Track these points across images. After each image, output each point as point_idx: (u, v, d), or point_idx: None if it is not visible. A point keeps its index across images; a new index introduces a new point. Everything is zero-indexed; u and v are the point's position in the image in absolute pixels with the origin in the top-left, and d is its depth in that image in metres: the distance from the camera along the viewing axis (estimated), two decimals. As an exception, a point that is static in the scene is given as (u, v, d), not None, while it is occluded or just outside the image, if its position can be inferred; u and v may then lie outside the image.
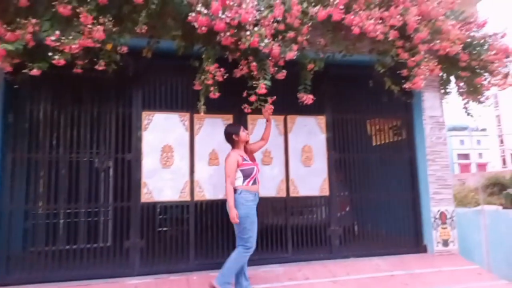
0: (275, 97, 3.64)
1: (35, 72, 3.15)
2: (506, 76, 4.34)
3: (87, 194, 4.20)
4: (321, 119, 4.94)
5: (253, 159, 3.76)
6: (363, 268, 4.26)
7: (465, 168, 55.62)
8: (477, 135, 59.70)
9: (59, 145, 4.13)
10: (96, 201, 4.20)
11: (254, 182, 3.59)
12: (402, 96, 4.49)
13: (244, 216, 3.42)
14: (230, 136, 3.68)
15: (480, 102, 4.58)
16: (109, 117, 4.18)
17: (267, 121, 3.93)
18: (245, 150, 3.74)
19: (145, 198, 4.13)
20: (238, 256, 3.46)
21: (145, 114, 4.24)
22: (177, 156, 4.28)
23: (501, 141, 44.68)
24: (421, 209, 5.01)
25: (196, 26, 3.38)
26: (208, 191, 4.34)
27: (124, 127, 4.19)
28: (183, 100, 4.32)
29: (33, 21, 3.10)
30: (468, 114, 4.65)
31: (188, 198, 4.27)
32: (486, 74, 4.40)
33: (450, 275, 4.26)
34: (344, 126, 5.04)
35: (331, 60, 4.25)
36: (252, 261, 4.25)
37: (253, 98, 3.60)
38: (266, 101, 3.61)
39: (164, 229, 4.37)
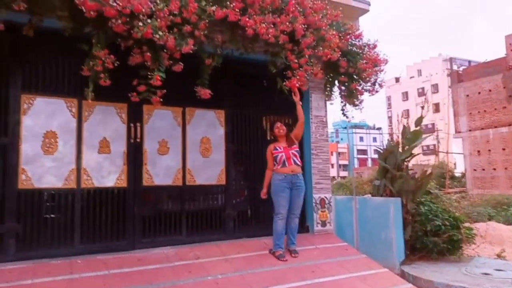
0: (165, 90, 3.70)
1: None
2: (374, 83, 5.05)
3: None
4: (220, 113, 5.16)
5: (290, 145, 4.58)
6: (252, 246, 4.63)
7: (363, 162, 61.96)
8: (373, 133, 66.84)
9: None
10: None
11: (284, 165, 4.48)
12: (291, 96, 4.91)
13: (272, 190, 4.51)
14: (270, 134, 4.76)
15: (355, 105, 5.25)
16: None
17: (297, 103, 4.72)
18: (287, 139, 4.61)
19: (23, 184, 3.91)
20: (273, 223, 4.50)
21: (25, 98, 3.96)
22: (61, 143, 4.11)
23: (391, 139, 50.67)
24: (306, 196, 5.55)
25: (84, 10, 3.28)
26: (96, 179, 4.26)
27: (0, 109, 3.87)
28: (70, 85, 4.12)
29: None
30: (344, 115, 5.31)
31: (74, 186, 4.15)
32: (360, 80, 5.05)
33: (323, 251, 4.87)
34: (242, 121, 5.32)
35: (230, 57, 4.43)
36: (144, 244, 4.42)
37: (141, 88, 3.63)
38: (155, 93, 3.66)
39: (47, 216, 4.18)
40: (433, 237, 5.17)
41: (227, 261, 4.27)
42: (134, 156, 4.48)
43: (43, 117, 4.04)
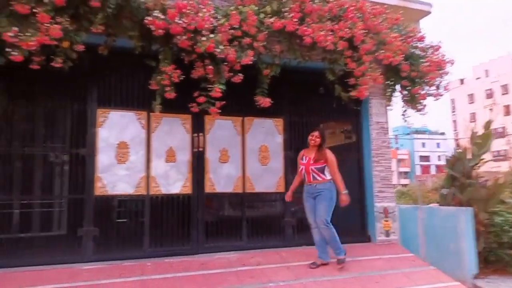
0: (224, 102, 3.85)
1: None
2: (438, 87, 4.79)
3: (42, 186, 4.23)
4: (278, 121, 5.21)
5: (316, 158, 4.32)
6: (312, 254, 4.53)
7: (425, 169, 58.44)
8: (437, 139, 62.91)
9: (13, 138, 4.13)
10: (50, 192, 4.24)
11: (304, 178, 4.41)
12: (350, 103, 4.83)
13: None
14: None
15: (417, 110, 5.01)
16: (64, 113, 4.24)
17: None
18: (318, 151, 4.34)
19: (99, 191, 4.23)
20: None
21: (100, 112, 4.31)
22: (132, 153, 4.41)
23: (457, 145, 47.32)
24: (367, 204, 5.42)
25: (153, 29, 3.53)
26: (163, 186, 4.51)
27: (79, 123, 4.25)
28: (140, 99, 4.41)
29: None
30: (405, 120, 5.09)
31: (144, 192, 4.42)
32: (423, 84, 4.82)
33: (387, 261, 4.69)
34: (299, 128, 5.30)
35: (288, 66, 4.48)
36: (207, 249, 4.57)
37: (201, 99, 3.81)
38: (214, 104, 3.82)
39: (119, 220, 4.51)
40: (509, 249, 4.77)
41: (288, 269, 4.27)
42: (198, 164, 4.68)
43: (116, 129, 4.37)
